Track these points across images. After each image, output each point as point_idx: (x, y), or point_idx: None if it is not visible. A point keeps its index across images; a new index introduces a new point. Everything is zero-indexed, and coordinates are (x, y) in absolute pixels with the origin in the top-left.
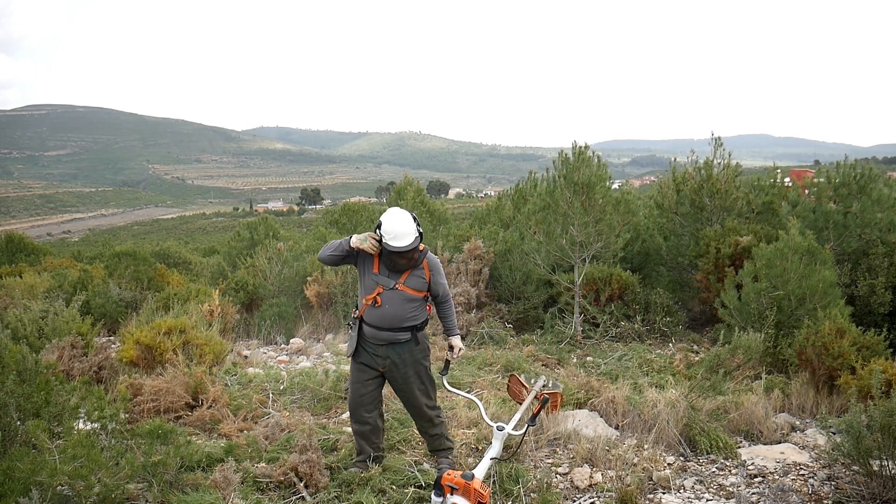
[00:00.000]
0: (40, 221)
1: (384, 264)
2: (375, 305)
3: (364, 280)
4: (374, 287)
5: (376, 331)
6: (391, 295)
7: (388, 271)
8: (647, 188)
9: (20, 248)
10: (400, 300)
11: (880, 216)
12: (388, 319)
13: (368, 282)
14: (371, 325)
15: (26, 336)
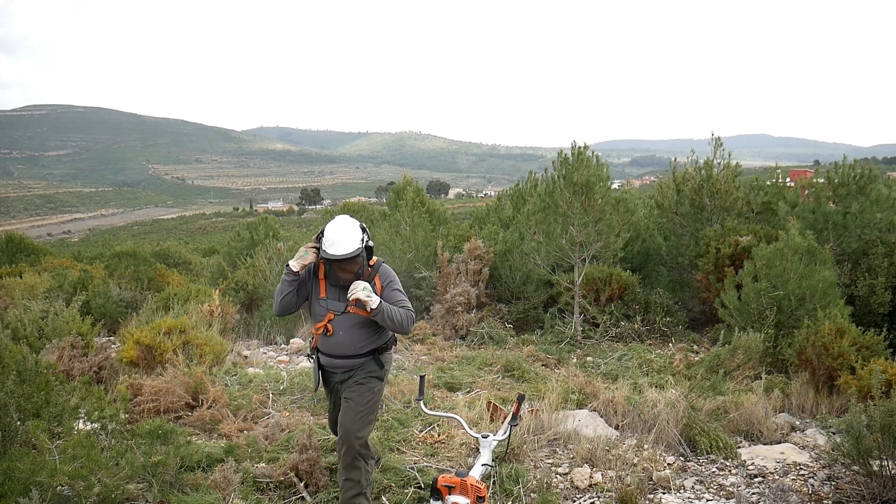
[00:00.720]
0: (40, 221)
1: (331, 285)
2: (327, 334)
3: (312, 308)
4: (324, 314)
5: (332, 359)
6: (343, 320)
7: (337, 293)
8: (647, 188)
9: (20, 248)
10: (353, 325)
11: (880, 216)
12: (343, 347)
13: (317, 308)
14: (326, 354)
15: (26, 336)
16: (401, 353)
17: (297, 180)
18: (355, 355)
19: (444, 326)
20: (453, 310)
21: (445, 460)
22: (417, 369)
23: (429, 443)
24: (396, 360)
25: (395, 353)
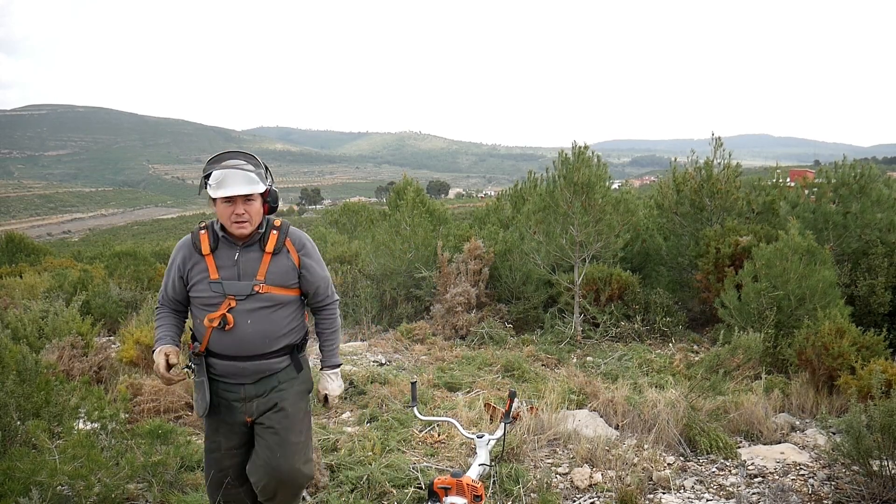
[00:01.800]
0: (40, 221)
1: (224, 260)
2: (226, 327)
3: (199, 296)
4: (220, 300)
5: (235, 364)
6: (248, 307)
7: (235, 269)
8: (647, 188)
9: (20, 248)
10: (263, 312)
11: (880, 216)
12: (252, 343)
13: (208, 295)
14: (225, 356)
15: (26, 336)
16: (401, 353)
17: (297, 180)
18: (268, 354)
19: (444, 326)
20: (453, 310)
21: (445, 460)
22: (417, 369)
23: (429, 443)
24: (396, 359)
25: (396, 353)
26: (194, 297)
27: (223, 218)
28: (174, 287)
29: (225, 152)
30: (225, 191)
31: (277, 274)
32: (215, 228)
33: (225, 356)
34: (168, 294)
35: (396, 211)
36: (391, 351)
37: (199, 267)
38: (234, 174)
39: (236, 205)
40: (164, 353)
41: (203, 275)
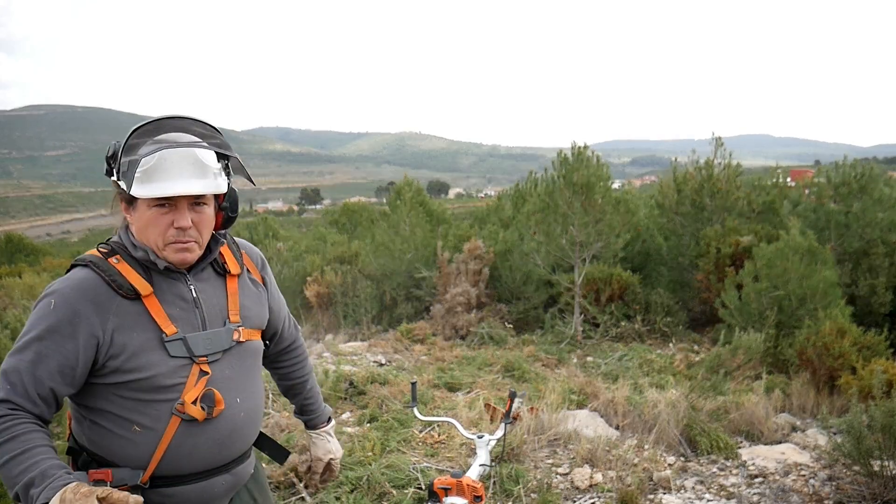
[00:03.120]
0: (40, 221)
1: (172, 301)
2: (212, 415)
3: (140, 378)
4: (185, 372)
5: (204, 485)
6: (229, 370)
7: (199, 315)
8: (647, 188)
9: (19, 248)
10: (249, 373)
11: (881, 216)
12: (241, 435)
13: (162, 370)
14: (189, 476)
15: None
16: (401, 354)
17: (297, 180)
18: (246, 451)
19: (444, 326)
20: (453, 310)
21: (445, 461)
22: (417, 370)
23: (429, 443)
24: (396, 360)
25: (396, 353)
26: (123, 384)
27: (152, 234)
28: (62, 375)
29: (166, 117)
30: (160, 186)
31: (252, 309)
32: (132, 252)
33: (189, 476)
34: (36, 390)
35: (396, 211)
36: (391, 351)
37: (131, 323)
38: (180, 156)
39: (179, 211)
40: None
41: (147, 335)
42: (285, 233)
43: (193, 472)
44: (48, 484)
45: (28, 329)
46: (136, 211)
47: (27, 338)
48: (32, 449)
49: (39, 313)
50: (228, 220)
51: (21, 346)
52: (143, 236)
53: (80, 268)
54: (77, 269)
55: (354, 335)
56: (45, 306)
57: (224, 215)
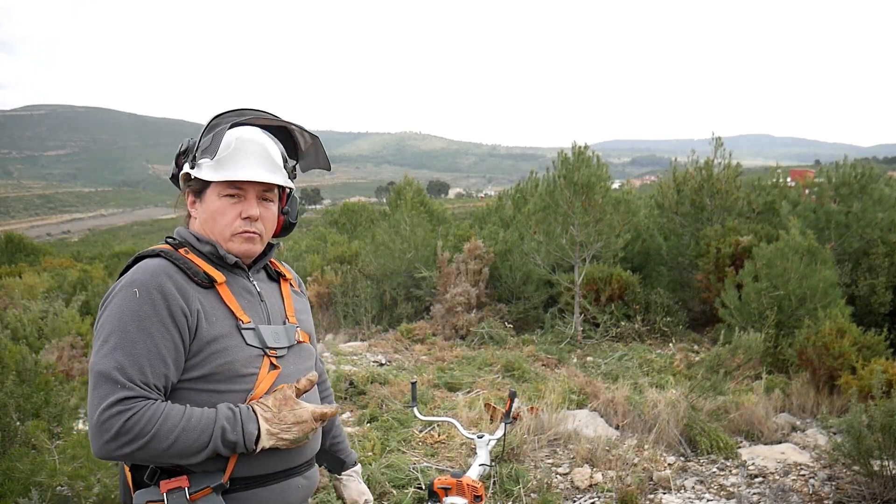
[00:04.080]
0: (40, 221)
1: (240, 294)
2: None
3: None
4: (258, 363)
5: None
6: (293, 367)
7: (264, 309)
8: (647, 188)
9: (20, 248)
10: (309, 370)
11: (881, 216)
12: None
13: (242, 356)
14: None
15: (26, 336)
16: (401, 353)
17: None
18: (316, 451)
19: (444, 326)
20: (453, 310)
21: (445, 460)
22: (417, 369)
23: (429, 443)
24: (396, 359)
25: (396, 353)
26: (202, 377)
27: (220, 223)
28: (171, 361)
29: (245, 108)
30: (235, 172)
31: (304, 314)
32: (198, 247)
33: (265, 477)
34: (153, 381)
35: (396, 211)
36: (391, 351)
37: (209, 309)
38: (255, 146)
39: (248, 202)
40: (285, 391)
41: (225, 322)
42: None
43: (270, 473)
44: (240, 421)
45: (116, 323)
46: (205, 202)
47: (121, 331)
48: (189, 412)
49: (124, 305)
50: (288, 226)
51: (118, 341)
52: (209, 227)
53: (149, 258)
54: (147, 260)
55: (354, 335)
56: (130, 297)
57: (284, 220)
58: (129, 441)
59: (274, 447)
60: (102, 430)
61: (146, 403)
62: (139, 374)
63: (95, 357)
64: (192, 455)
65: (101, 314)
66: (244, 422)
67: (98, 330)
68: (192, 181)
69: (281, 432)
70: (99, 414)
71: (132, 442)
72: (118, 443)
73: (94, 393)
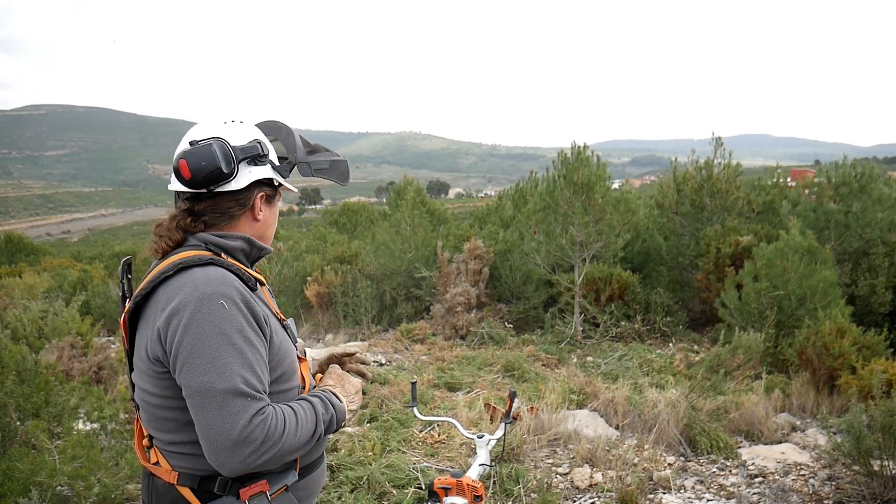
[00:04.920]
0: (40, 221)
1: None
2: None
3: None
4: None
5: (320, 472)
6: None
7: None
8: (647, 188)
9: (20, 248)
10: None
11: (881, 216)
12: None
13: (292, 350)
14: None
15: (26, 336)
16: (401, 353)
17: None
18: None
19: (444, 326)
20: (453, 310)
21: (445, 460)
22: (417, 369)
23: (429, 443)
24: (396, 359)
25: (396, 353)
26: (279, 376)
27: (274, 226)
28: (269, 365)
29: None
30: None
31: None
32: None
33: (315, 462)
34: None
35: (396, 211)
36: (391, 351)
37: (265, 312)
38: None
39: None
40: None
41: (276, 322)
42: (285, 233)
43: (317, 458)
44: (328, 402)
45: (221, 339)
46: (273, 208)
47: (229, 346)
48: (295, 407)
49: (217, 319)
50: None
51: (231, 356)
52: (270, 231)
53: (201, 267)
54: (205, 269)
55: (354, 335)
56: (219, 310)
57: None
58: (270, 447)
59: (346, 423)
60: (246, 443)
61: (272, 409)
62: (259, 382)
63: (208, 376)
64: (306, 445)
65: (184, 332)
66: (331, 401)
67: (192, 349)
68: (265, 187)
69: (350, 403)
70: (241, 430)
71: (273, 447)
72: (260, 451)
73: (226, 411)
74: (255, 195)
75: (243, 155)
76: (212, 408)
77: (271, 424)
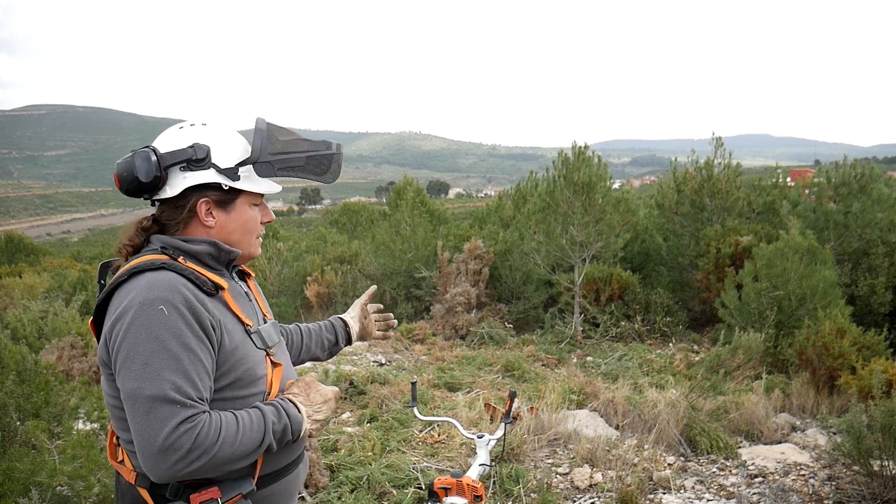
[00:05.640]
0: (40, 221)
1: (237, 297)
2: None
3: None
4: (264, 357)
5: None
6: (284, 356)
7: (254, 309)
8: (647, 188)
9: (20, 248)
10: (289, 360)
11: (881, 216)
12: None
13: (256, 357)
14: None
15: (26, 336)
16: (401, 353)
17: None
18: None
19: (444, 326)
20: (453, 310)
21: (445, 460)
22: (417, 369)
23: (429, 443)
24: (396, 359)
25: (396, 353)
26: (228, 385)
27: (252, 231)
28: (211, 372)
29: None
30: (272, 182)
31: (269, 308)
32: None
33: (282, 470)
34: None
35: (396, 211)
36: (391, 351)
37: (221, 317)
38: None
39: (265, 208)
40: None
41: (236, 328)
42: (285, 233)
43: (285, 466)
44: (283, 411)
45: (154, 344)
46: (234, 212)
47: (163, 351)
48: (241, 416)
49: (155, 323)
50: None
51: (163, 361)
52: (237, 236)
53: (152, 272)
54: (155, 274)
55: None
56: (158, 315)
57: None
58: (199, 456)
59: (308, 432)
60: (171, 451)
61: (206, 416)
62: (194, 389)
63: (139, 382)
64: (249, 456)
65: (123, 336)
66: (287, 410)
67: (128, 353)
68: (211, 191)
69: (314, 413)
70: (165, 437)
71: (201, 457)
72: (188, 459)
73: (152, 417)
74: (193, 201)
75: (172, 161)
76: (140, 413)
77: (202, 432)
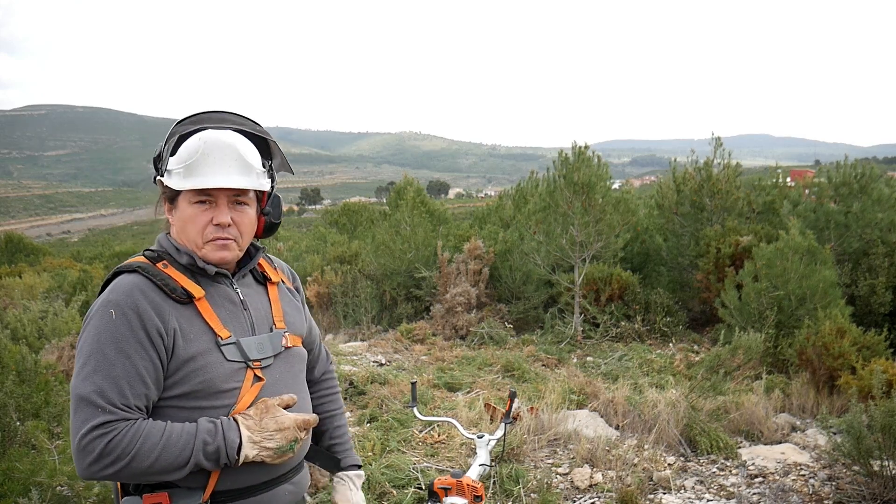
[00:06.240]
0: (40, 221)
1: (221, 305)
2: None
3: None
4: (240, 377)
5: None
6: (279, 374)
7: (248, 318)
8: (647, 188)
9: (20, 248)
10: (298, 379)
11: (881, 216)
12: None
13: (220, 372)
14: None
15: (26, 336)
16: (401, 354)
17: (297, 180)
18: (304, 454)
19: (444, 326)
20: (453, 310)
21: (445, 461)
22: (417, 370)
23: (429, 443)
24: (396, 360)
25: (396, 353)
26: (182, 395)
27: (191, 231)
28: (152, 380)
29: (212, 111)
30: (202, 180)
31: (294, 316)
32: (177, 258)
33: (250, 489)
34: (134, 403)
35: (396, 211)
36: (391, 351)
37: (187, 326)
38: (223, 150)
39: (219, 208)
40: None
41: (203, 338)
42: (285, 233)
43: (255, 485)
44: (221, 431)
45: (95, 346)
46: (178, 209)
47: (99, 354)
48: (170, 429)
49: (101, 327)
50: (270, 226)
51: (97, 364)
52: (182, 235)
53: (126, 274)
54: (124, 276)
55: (354, 335)
56: (106, 318)
57: (266, 221)
58: (111, 462)
59: (258, 458)
60: (85, 452)
61: (126, 425)
62: (119, 396)
63: (75, 380)
64: (176, 470)
65: (81, 335)
66: (225, 431)
67: (78, 352)
68: (165, 188)
69: (263, 440)
70: (80, 438)
71: (114, 463)
72: (101, 465)
73: (75, 416)
74: (162, 197)
75: (154, 160)
76: (71, 410)
77: (114, 439)
